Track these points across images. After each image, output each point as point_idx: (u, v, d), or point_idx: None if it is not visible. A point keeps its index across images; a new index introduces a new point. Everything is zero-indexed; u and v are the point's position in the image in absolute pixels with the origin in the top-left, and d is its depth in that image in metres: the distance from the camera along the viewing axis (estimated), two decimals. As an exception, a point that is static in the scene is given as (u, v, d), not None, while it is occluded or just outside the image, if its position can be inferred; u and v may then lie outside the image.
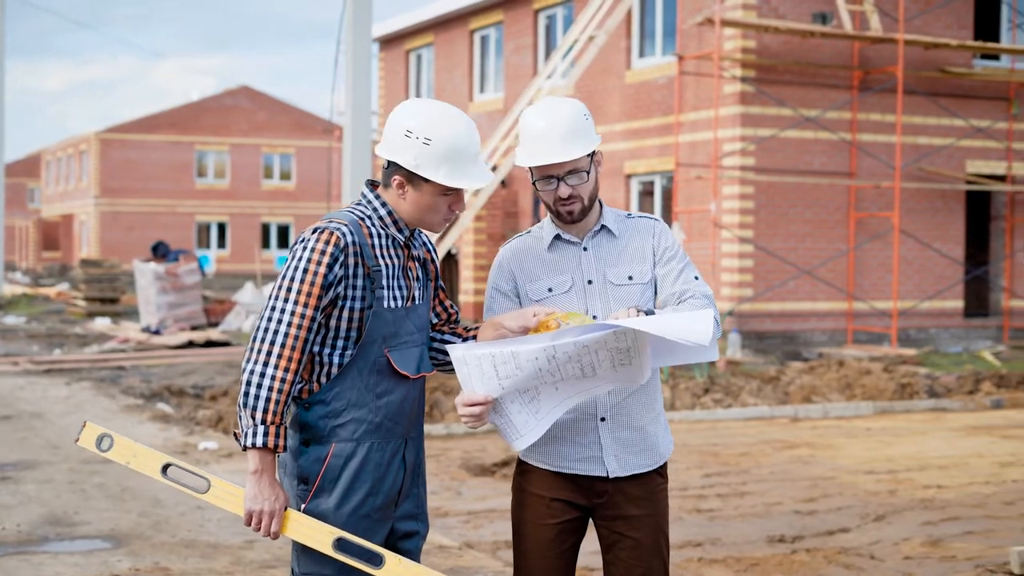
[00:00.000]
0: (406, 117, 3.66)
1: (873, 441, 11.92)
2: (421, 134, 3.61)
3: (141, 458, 3.73)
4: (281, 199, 57.57)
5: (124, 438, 3.75)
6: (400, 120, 3.66)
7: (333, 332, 3.63)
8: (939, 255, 21.06)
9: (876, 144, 20.55)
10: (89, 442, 3.76)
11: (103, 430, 3.75)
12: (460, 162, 3.65)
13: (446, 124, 3.63)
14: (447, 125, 3.63)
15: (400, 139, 3.64)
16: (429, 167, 3.62)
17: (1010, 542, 7.85)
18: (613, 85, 22.69)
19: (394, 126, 3.67)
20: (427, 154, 3.61)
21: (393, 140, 3.66)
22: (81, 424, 3.79)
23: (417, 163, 3.62)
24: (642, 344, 3.50)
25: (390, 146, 3.67)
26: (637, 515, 3.83)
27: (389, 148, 3.67)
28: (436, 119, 3.63)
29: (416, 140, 3.61)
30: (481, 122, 27.38)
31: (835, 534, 8.15)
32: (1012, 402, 14.64)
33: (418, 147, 3.61)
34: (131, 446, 3.74)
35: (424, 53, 30.46)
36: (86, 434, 3.77)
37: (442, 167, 3.62)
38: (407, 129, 3.63)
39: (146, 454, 3.73)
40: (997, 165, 21.80)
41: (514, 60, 26.20)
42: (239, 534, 7.65)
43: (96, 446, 3.75)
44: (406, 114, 3.67)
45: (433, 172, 3.62)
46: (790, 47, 19.93)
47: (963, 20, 21.42)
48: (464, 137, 3.65)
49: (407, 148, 3.63)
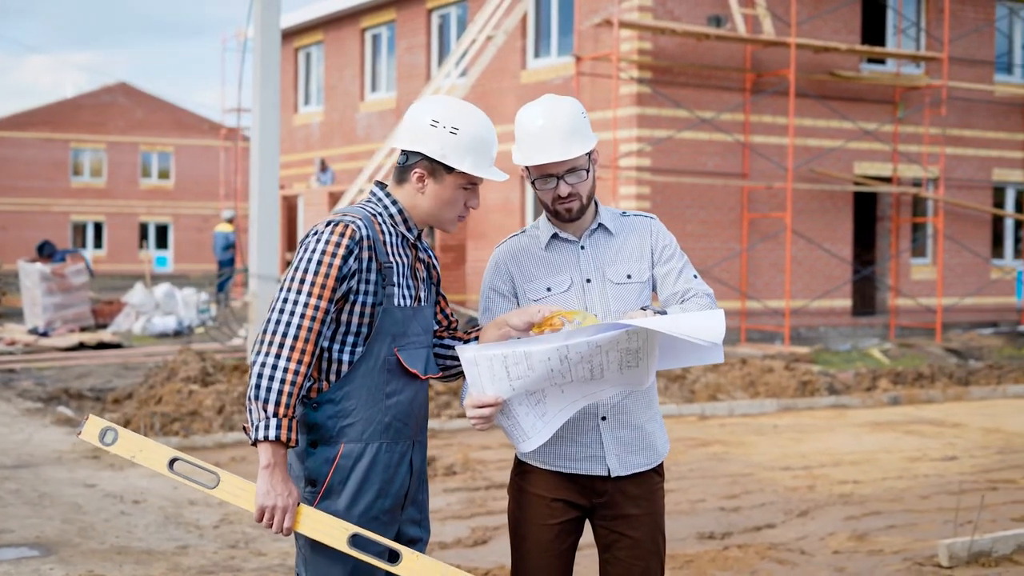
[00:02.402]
0: (431, 108, 3.65)
1: (782, 438, 12.10)
2: (448, 123, 3.60)
3: (147, 452, 3.63)
4: (160, 198, 56.55)
5: (129, 432, 3.64)
6: (424, 111, 3.65)
7: (344, 328, 3.58)
8: (829, 255, 21.47)
9: (768, 146, 20.89)
10: (92, 435, 3.65)
11: (107, 423, 3.64)
12: (485, 154, 3.65)
13: (472, 116, 3.64)
14: (473, 116, 3.64)
15: (426, 129, 3.61)
16: (455, 156, 3.61)
17: (932, 535, 8.03)
18: (508, 85, 22.72)
19: (417, 117, 3.65)
20: (454, 143, 3.60)
21: (417, 131, 3.62)
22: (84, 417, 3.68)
23: (444, 152, 3.60)
24: (652, 345, 3.50)
25: (414, 137, 3.63)
26: (636, 514, 3.83)
27: (413, 139, 3.63)
28: (462, 110, 3.64)
29: (443, 129, 3.60)
30: (372, 122, 27.24)
31: (762, 530, 8.25)
32: (908, 398, 14.97)
33: (445, 136, 3.60)
34: (137, 440, 3.63)
35: (313, 51, 30.20)
36: (88, 427, 3.66)
37: (468, 157, 3.61)
38: (433, 119, 3.61)
39: (153, 448, 3.63)
40: (883, 167, 22.31)
41: (407, 59, 26.10)
42: (171, 540, 7.50)
43: (99, 440, 3.64)
44: (430, 106, 3.66)
45: (459, 161, 3.61)
46: (685, 49, 20.15)
47: (851, 25, 21.87)
48: (488, 130, 3.66)
49: (433, 138, 3.60)
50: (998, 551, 7.37)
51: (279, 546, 7.40)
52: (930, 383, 15.95)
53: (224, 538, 7.55)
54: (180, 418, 11.48)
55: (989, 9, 23.42)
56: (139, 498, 8.61)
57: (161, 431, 11.21)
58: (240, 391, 12.09)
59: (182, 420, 11.45)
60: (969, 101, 23.05)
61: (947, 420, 13.46)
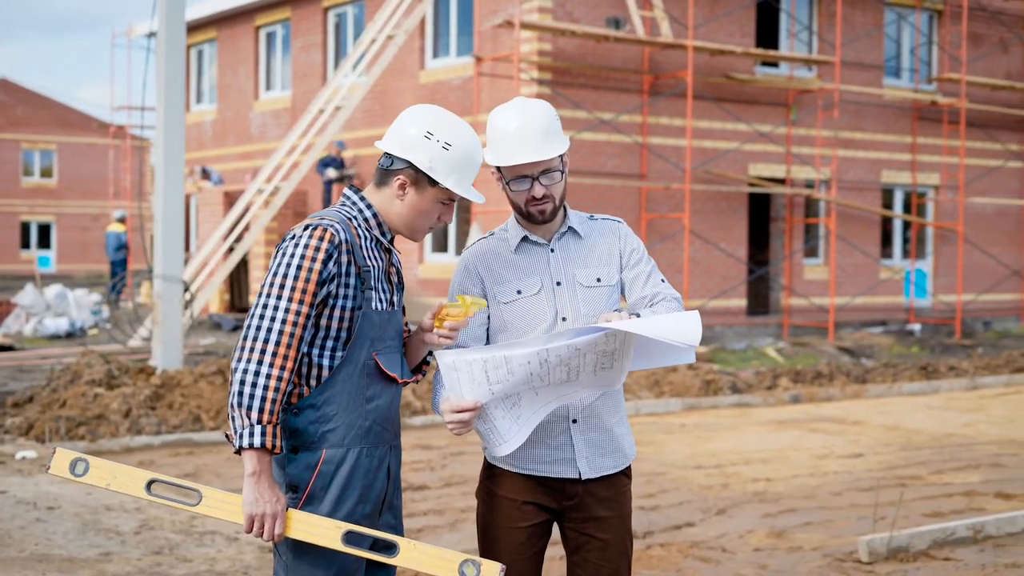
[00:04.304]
0: (426, 119, 3.65)
1: (691, 437, 12.24)
2: (442, 138, 3.60)
3: (122, 478, 3.53)
4: (42, 197, 55.34)
5: (100, 460, 3.54)
6: (419, 121, 3.64)
7: (323, 332, 3.56)
8: (725, 255, 21.76)
9: (666, 147, 21.11)
10: (62, 469, 3.52)
11: (76, 454, 3.52)
12: (469, 173, 3.67)
13: (464, 133, 3.65)
14: (467, 136, 3.65)
15: (418, 139, 3.61)
16: (442, 171, 3.61)
17: (848, 531, 8.19)
18: (406, 85, 22.66)
19: (411, 126, 3.64)
20: (443, 158, 3.61)
21: (409, 139, 3.62)
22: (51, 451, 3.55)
23: (432, 166, 3.60)
24: (627, 347, 3.53)
25: (404, 144, 3.63)
26: (606, 516, 3.85)
27: (402, 146, 3.63)
28: (456, 126, 3.65)
29: (436, 143, 3.60)
30: (266, 121, 26.98)
31: (682, 528, 8.33)
32: (808, 396, 15.24)
33: (436, 150, 3.60)
34: (109, 467, 3.53)
35: (206, 49, 29.81)
36: (57, 460, 3.53)
37: (454, 174, 3.63)
38: (428, 131, 3.61)
39: (127, 473, 3.53)
40: (777, 168, 22.68)
41: (302, 58, 25.89)
42: (92, 547, 7.35)
43: (70, 472, 3.52)
44: (427, 116, 3.65)
45: (444, 177, 3.62)
46: (585, 51, 20.29)
47: (745, 28, 22.20)
48: (478, 151, 3.68)
49: (424, 149, 3.61)
50: (915, 547, 7.55)
51: (204, 552, 7.31)
52: (828, 381, 16.26)
53: (147, 544, 7.43)
54: (86, 422, 11.26)
55: (878, 14, 23.94)
56: (53, 504, 8.42)
57: (67, 436, 10.98)
58: (146, 394, 11.89)
59: (88, 424, 11.23)
60: (859, 104, 23.54)
61: (847, 418, 13.73)
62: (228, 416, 3.45)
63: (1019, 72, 25.88)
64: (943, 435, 12.47)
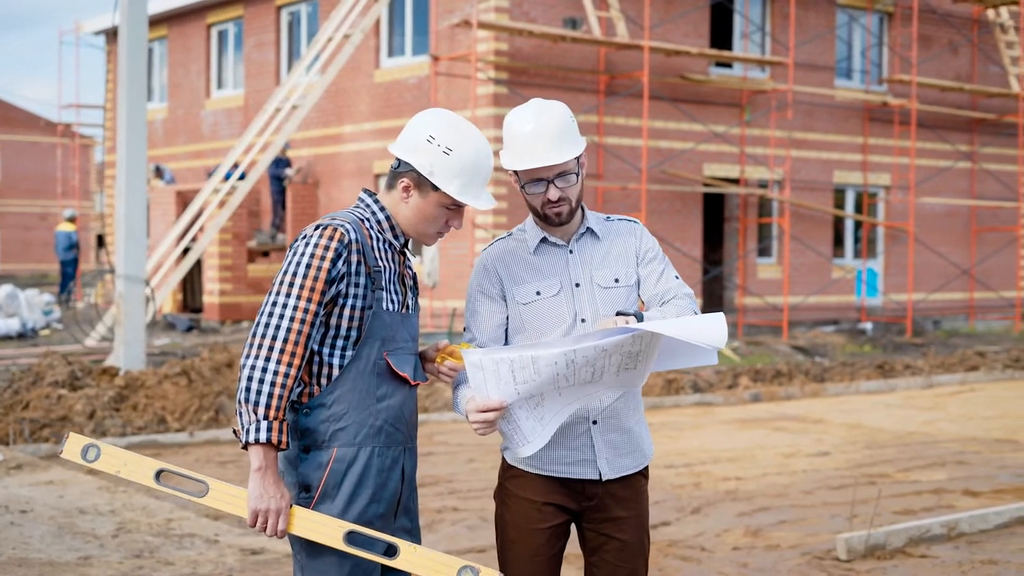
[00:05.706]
0: (432, 123, 3.64)
1: (658, 436, 12.27)
2: (443, 142, 3.60)
3: (132, 466, 3.54)
4: (-16, 196, 54.67)
5: (111, 446, 3.54)
6: (425, 124, 3.64)
7: (333, 332, 3.56)
8: (680, 254, 21.85)
9: (622, 147, 21.18)
10: (74, 453, 3.54)
11: (88, 440, 3.54)
12: (474, 180, 3.65)
13: (470, 140, 3.64)
14: (471, 141, 3.63)
15: (421, 143, 3.61)
16: (443, 176, 3.61)
17: (822, 529, 8.26)
18: (362, 84, 22.58)
19: (416, 129, 3.64)
20: (444, 163, 3.60)
21: (413, 142, 3.62)
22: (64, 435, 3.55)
23: (432, 170, 3.60)
24: (652, 348, 3.54)
25: (408, 147, 3.63)
26: (624, 516, 3.86)
27: (406, 149, 3.64)
28: (461, 132, 3.63)
29: (437, 147, 3.60)
30: (218, 119, 26.80)
31: (658, 527, 8.35)
32: (768, 395, 15.34)
33: (437, 154, 3.60)
34: (120, 454, 3.54)
35: (156, 47, 29.53)
36: (70, 445, 3.55)
37: (455, 180, 3.62)
38: (430, 134, 3.61)
39: (137, 461, 3.54)
40: (731, 168, 22.82)
41: (255, 56, 25.74)
42: (71, 550, 7.27)
43: (81, 457, 3.53)
44: (433, 120, 3.65)
45: (445, 183, 3.61)
46: (541, 51, 20.31)
47: (700, 29, 22.32)
48: (484, 158, 3.66)
49: (426, 153, 3.60)
50: (892, 544, 7.63)
51: (185, 554, 7.25)
52: (788, 380, 16.37)
53: (126, 547, 7.35)
54: (50, 424, 11.14)
55: (830, 16, 24.15)
56: (25, 507, 8.32)
57: (31, 438, 10.86)
58: (110, 395, 11.77)
59: (52, 426, 11.12)
60: (812, 105, 23.73)
61: (809, 416, 13.84)
62: (236, 412, 3.44)
63: (968, 74, 26.19)
64: (905, 433, 12.60)
